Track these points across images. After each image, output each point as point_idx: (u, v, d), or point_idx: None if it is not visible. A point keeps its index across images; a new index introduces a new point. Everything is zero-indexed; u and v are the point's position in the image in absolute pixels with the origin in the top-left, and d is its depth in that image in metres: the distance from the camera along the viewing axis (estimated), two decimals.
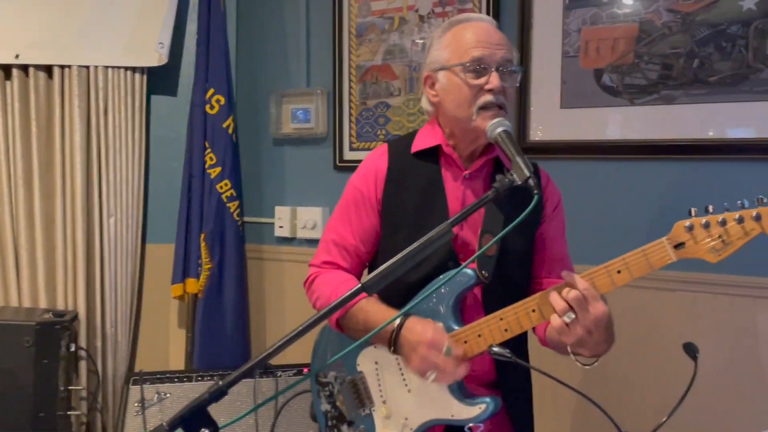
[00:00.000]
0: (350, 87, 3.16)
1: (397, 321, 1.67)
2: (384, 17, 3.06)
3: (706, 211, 1.42)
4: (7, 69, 3.21)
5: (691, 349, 1.54)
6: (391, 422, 1.80)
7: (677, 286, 2.43)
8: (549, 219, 1.89)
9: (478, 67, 1.71)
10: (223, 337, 3.28)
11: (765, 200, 1.37)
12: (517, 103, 2.69)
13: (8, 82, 3.22)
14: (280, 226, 3.38)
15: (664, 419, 1.44)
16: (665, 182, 2.49)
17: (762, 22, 2.28)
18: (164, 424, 1.18)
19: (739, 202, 1.39)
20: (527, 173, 1.48)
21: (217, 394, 1.21)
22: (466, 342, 1.67)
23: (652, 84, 2.47)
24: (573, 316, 1.52)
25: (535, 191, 1.45)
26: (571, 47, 2.61)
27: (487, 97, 1.70)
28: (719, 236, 1.41)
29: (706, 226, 1.42)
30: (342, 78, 3.18)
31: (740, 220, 1.38)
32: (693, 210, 1.44)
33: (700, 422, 2.37)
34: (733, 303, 2.37)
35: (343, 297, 1.33)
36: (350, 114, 3.17)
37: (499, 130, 1.64)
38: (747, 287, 2.34)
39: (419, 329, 1.65)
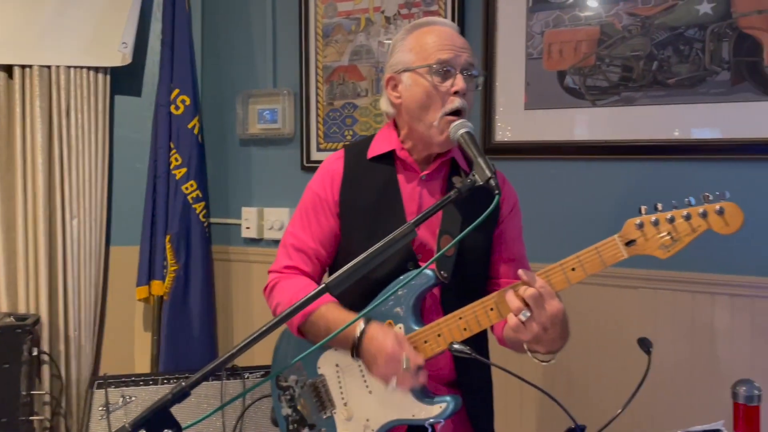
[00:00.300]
0: (317, 88, 3.17)
1: (360, 328, 1.69)
2: (350, 18, 3.07)
3: (656, 209, 1.46)
4: None
5: (644, 344, 1.57)
6: (352, 424, 1.80)
7: (639, 284, 2.49)
8: (506, 220, 1.92)
9: (444, 69, 1.73)
10: (189, 340, 3.27)
11: (711, 197, 1.41)
12: (483, 104, 2.73)
13: None
14: (247, 227, 3.37)
15: (618, 411, 1.46)
16: (626, 182, 2.54)
17: (718, 26, 2.34)
18: (127, 425, 1.18)
19: (686, 199, 1.43)
20: (489, 174, 1.50)
21: (180, 395, 1.21)
22: (426, 342, 1.69)
23: (613, 86, 2.52)
24: (528, 314, 1.54)
25: (496, 191, 1.47)
26: (534, 49, 2.65)
27: (455, 102, 1.73)
28: (668, 233, 1.45)
29: (656, 223, 1.45)
30: (309, 79, 3.19)
31: (688, 217, 1.42)
32: (643, 208, 1.47)
33: (659, 414, 2.43)
34: (694, 299, 2.43)
35: (306, 297, 1.33)
36: (317, 115, 3.18)
37: (462, 131, 1.66)
38: (706, 284, 2.40)
39: (380, 339, 1.66)
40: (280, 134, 3.28)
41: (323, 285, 1.35)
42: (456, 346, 1.59)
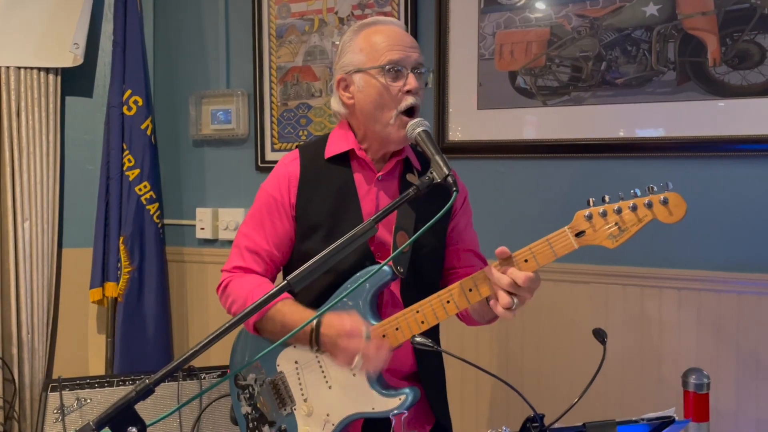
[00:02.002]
0: (271, 88, 3.13)
1: (315, 321, 1.68)
2: (304, 19, 3.04)
3: (603, 201, 1.49)
4: None
5: (599, 335, 1.60)
6: (312, 419, 1.79)
7: (590, 279, 2.52)
8: (459, 213, 1.94)
9: (395, 69, 1.74)
10: (144, 341, 3.21)
11: (655, 189, 1.44)
12: (436, 104, 2.73)
13: None
14: (202, 228, 3.32)
15: (575, 400, 1.48)
16: (575, 179, 2.57)
17: (664, 27, 2.38)
18: (91, 423, 1.16)
19: (632, 191, 1.46)
20: (446, 171, 1.50)
21: (145, 392, 1.19)
22: (384, 336, 1.70)
23: (563, 86, 2.54)
24: (517, 300, 1.56)
25: (454, 188, 1.48)
26: (486, 50, 2.66)
27: (409, 100, 1.73)
28: (615, 223, 1.48)
29: (604, 214, 1.48)
30: (263, 79, 3.15)
31: (634, 208, 1.46)
32: (591, 200, 1.50)
33: (611, 404, 2.47)
34: (642, 293, 2.46)
35: (268, 294, 1.32)
36: (272, 115, 3.14)
37: (419, 129, 1.66)
38: (654, 278, 2.44)
39: (336, 323, 1.67)
40: (234, 135, 3.23)
41: (285, 281, 1.34)
42: (418, 339, 1.60)
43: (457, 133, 2.73)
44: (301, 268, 1.35)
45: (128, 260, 3.18)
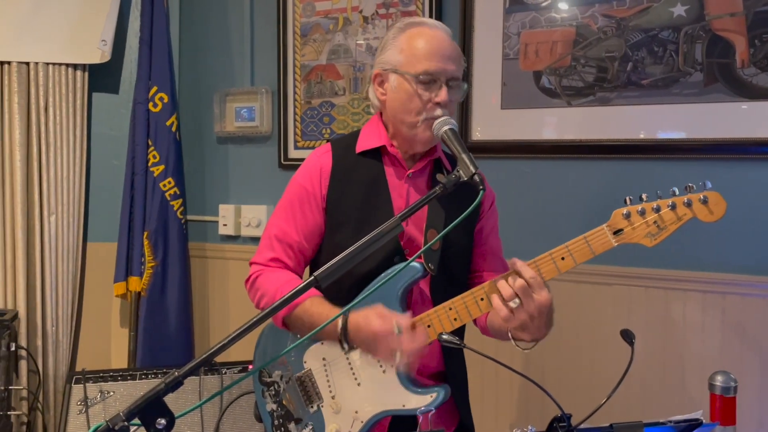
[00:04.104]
0: (295, 86, 3.08)
1: (340, 325, 1.64)
2: (328, 17, 2.99)
3: (641, 200, 1.45)
4: None
5: (627, 336, 1.55)
6: (340, 417, 1.74)
7: (614, 280, 2.45)
8: (486, 216, 1.91)
9: (429, 80, 1.70)
10: (166, 336, 3.17)
11: (694, 188, 1.41)
12: (460, 103, 2.67)
13: None
14: (224, 224, 3.27)
15: (604, 400, 1.44)
16: (600, 180, 2.50)
17: (691, 27, 2.30)
18: (121, 413, 1.13)
19: (671, 190, 1.43)
20: (473, 169, 1.46)
21: (174, 384, 1.16)
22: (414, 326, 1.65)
23: (588, 86, 2.47)
24: (518, 302, 1.52)
25: (480, 187, 1.44)
26: (511, 50, 2.59)
27: (437, 112, 1.69)
28: (654, 222, 1.44)
29: (642, 213, 1.45)
30: (287, 77, 3.10)
31: (673, 206, 1.42)
32: (628, 198, 1.46)
33: (632, 407, 2.40)
34: (666, 296, 2.39)
35: (296, 289, 1.27)
36: (295, 113, 3.09)
37: (446, 128, 1.63)
38: (678, 281, 2.36)
39: (363, 325, 1.62)
40: (257, 132, 3.18)
41: (312, 277, 1.29)
42: (445, 336, 1.55)
43: (480, 132, 2.67)
44: (328, 264, 1.31)
45: (152, 255, 3.14)
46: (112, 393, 2.80)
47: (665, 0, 2.33)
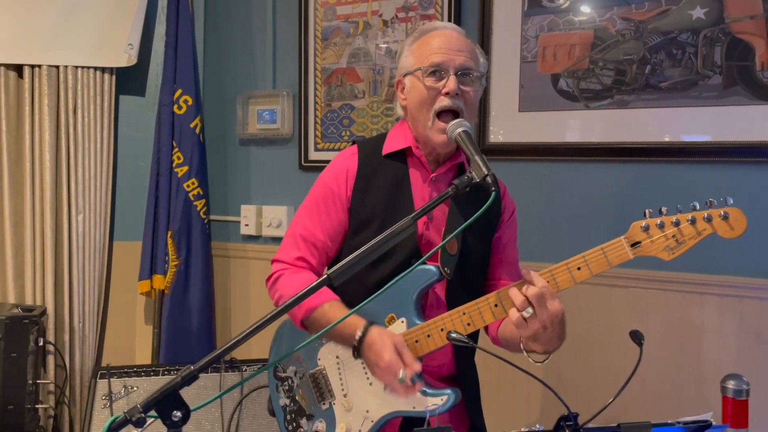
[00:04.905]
0: (315, 89, 3.09)
1: (359, 333, 1.64)
2: (349, 21, 2.99)
3: (660, 213, 1.42)
4: None
5: (636, 336, 1.53)
6: (351, 415, 1.74)
7: (630, 283, 2.41)
8: (505, 225, 1.89)
9: (437, 71, 1.70)
10: (188, 333, 3.19)
11: (715, 203, 1.38)
12: (478, 106, 2.65)
13: None
14: (246, 224, 3.28)
15: (611, 400, 1.43)
16: (619, 183, 2.46)
17: (710, 30, 2.26)
18: (138, 406, 1.14)
19: (691, 204, 1.39)
20: (485, 171, 1.45)
21: (189, 378, 1.18)
22: (429, 336, 1.65)
23: (607, 89, 2.44)
24: (531, 311, 1.50)
25: (493, 188, 1.43)
26: (529, 53, 2.57)
27: (444, 102, 1.69)
28: (673, 236, 1.42)
29: (661, 226, 1.43)
30: (308, 80, 3.10)
31: (693, 221, 1.39)
32: (647, 211, 1.44)
33: (648, 408, 2.37)
34: (683, 299, 2.35)
35: (309, 287, 1.28)
36: (315, 115, 3.10)
37: (459, 130, 1.63)
38: (695, 284, 2.32)
39: (378, 346, 1.61)
40: (278, 134, 3.19)
41: (326, 275, 1.30)
42: (454, 335, 1.54)
43: (498, 135, 2.65)
44: (341, 263, 1.31)
45: (175, 254, 3.17)
46: (135, 388, 2.83)
47: (684, 3, 2.30)
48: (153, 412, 1.15)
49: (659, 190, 2.36)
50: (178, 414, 1.15)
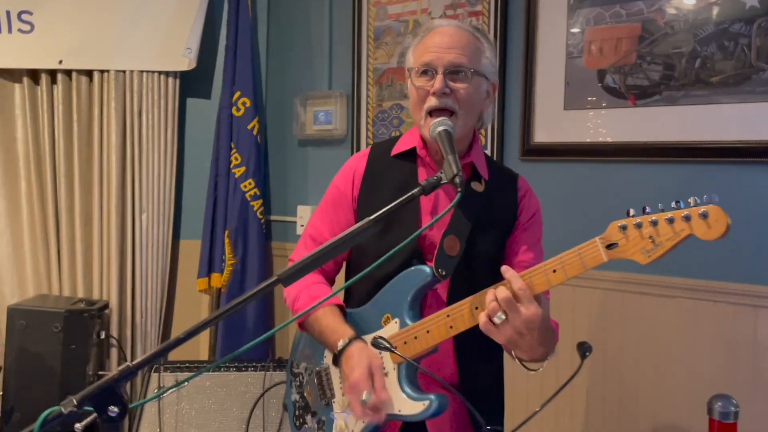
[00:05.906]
0: (368, 89, 3.05)
1: (341, 344, 1.62)
2: (399, 20, 2.94)
3: (644, 212, 1.28)
4: (53, 74, 3.24)
5: (582, 349, 1.45)
6: (347, 414, 1.70)
7: (677, 293, 2.23)
8: (522, 228, 1.78)
9: (427, 70, 1.65)
10: (245, 330, 3.23)
11: (699, 201, 1.22)
12: (522, 104, 2.54)
13: (54, 86, 3.25)
14: (301, 225, 3.29)
15: (537, 410, 1.39)
16: (668, 184, 2.29)
17: (765, 20, 2.06)
18: (73, 399, 1.11)
19: (673, 203, 1.24)
20: (455, 170, 1.40)
21: (126, 374, 1.15)
22: (416, 338, 1.58)
23: (654, 84, 2.27)
24: (503, 317, 1.40)
25: (459, 189, 1.38)
26: (575, 48, 2.43)
27: (431, 102, 1.64)
28: (649, 236, 1.27)
29: (639, 226, 1.29)
30: (360, 81, 3.08)
31: (671, 221, 1.24)
32: (631, 210, 1.31)
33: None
34: (736, 312, 2.15)
35: (259, 287, 1.24)
36: (367, 116, 3.06)
37: (440, 129, 1.58)
38: (748, 296, 2.12)
39: (352, 363, 1.57)
40: (333, 135, 3.18)
41: (275, 277, 1.24)
42: (379, 340, 1.51)
43: (542, 134, 2.52)
44: (292, 265, 1.26)
45: (232, 253, 3.22)
46: (185, 384, 2.88)
47: None
48: (89, 407, 1.12)
49: (707, 191, 2.17)
50: (114, 410, 1.13)
